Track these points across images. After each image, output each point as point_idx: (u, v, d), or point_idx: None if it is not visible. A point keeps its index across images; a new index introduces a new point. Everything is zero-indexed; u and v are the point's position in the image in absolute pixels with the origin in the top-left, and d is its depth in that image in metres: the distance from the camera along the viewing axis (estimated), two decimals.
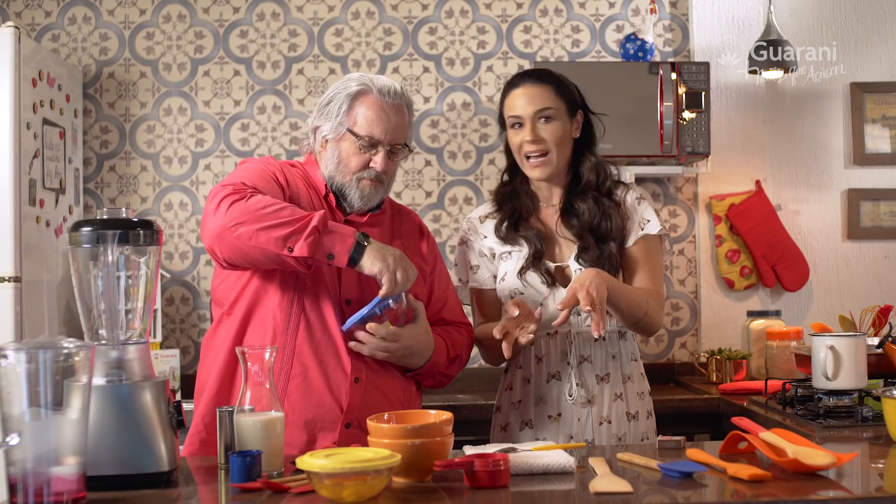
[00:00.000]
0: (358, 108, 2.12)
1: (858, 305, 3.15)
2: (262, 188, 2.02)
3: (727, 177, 3.56)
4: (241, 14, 3.63)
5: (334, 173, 2.14)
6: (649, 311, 2.23)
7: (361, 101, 2.12)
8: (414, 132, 2.22)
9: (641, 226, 2.31)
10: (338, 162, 2.13)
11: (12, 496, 1.41)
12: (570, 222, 2.29)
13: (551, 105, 2.26)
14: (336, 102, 2.14)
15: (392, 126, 2.12)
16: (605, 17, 3.65)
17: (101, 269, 1.64)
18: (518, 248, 2.30)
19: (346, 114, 2.12)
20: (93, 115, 3.61)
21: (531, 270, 2.26)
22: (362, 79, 2.15)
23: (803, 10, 3.58)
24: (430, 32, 3.64)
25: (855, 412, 2.23)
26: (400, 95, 2.15)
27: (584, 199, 2.29)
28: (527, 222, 2.32)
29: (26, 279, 3.01)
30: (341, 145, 2.13)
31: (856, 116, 3.57)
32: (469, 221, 2.41)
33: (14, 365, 1.41)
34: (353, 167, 2.12)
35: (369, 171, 2.12)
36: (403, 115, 2.15)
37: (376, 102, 2.12)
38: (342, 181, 2.13)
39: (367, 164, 2.12)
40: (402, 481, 1.62)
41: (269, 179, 2.08)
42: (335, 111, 2.13)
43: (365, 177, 2.12)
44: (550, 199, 2.35)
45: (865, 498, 1.51)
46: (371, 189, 2.13)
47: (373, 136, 2.11)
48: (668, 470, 1.63)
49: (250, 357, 1.71)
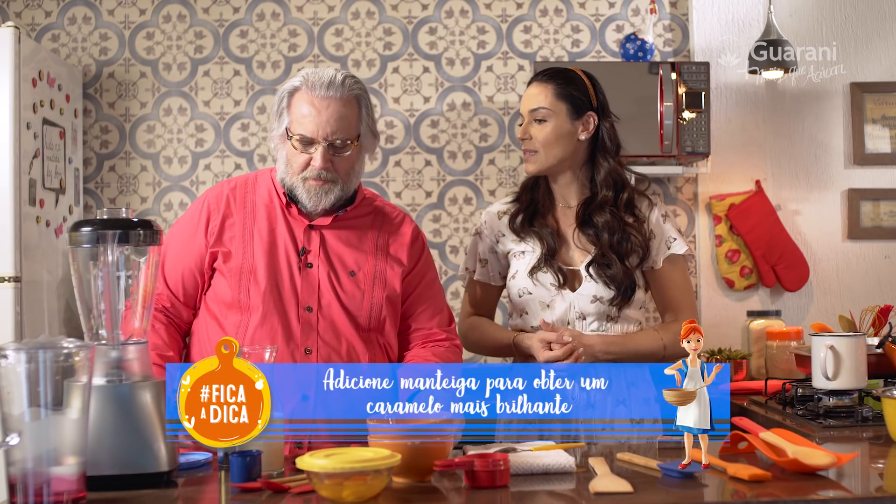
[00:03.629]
0: (294, 105, 2.09)
1: (858, 305, 3.15)
2: (171, 284, 2.12)
3: (727, 177, 3.56)
4: (241, 14, 3.63)
5: (284, 175, 2.12)
6: (668, 346, 2.25)
7: (296, 98, 2.09)
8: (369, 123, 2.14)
9: (668, 244, 2.31)
10: (285, 163, 2.12)
11: (12, 496, 1.41)
12: (587, 232, 2.30)
13: (545, 106, 2.28)
14: (277, 103, 2.12)
15: (325, 121, 2.04)
16: (605, 17, 3.65)
17: (101, 269, 1.64)
18: (531, 248, 2.31)
19: (287, 113, 2.10)
20: (93, 115, 3.61)
21: (543, 269, 2.27)
22: (300, 75, 2.12)
23: (803, 10, 3.58)
24: (430, 32, 3.64)
25: (855, 412, 2.23)
26: (335, 88, 2.05)
27: (601, 214, 2.29)
28: (543, 218, 2.34)
29: (26, 279, 3.01)
30: (286, 146, 2.11)
31: (856, 116, 3.57)
32: (488, 215, 2.44)
33: (14, 365, 1.41)
34: (296, 167, 2.09)
35: (310, 170, 2.07)
36: (343, 108, 2.06)
37: (307, 98, 2.07)
38: (291, 182, 2.11)
39: (308, 164, 2.08)
40: (402, 481, 1.62)
41: (182, 253, 2.13)
42: (276, 112, 2.12)
43: (308, 176, 2.08)
44: (566, 199, 2.36)
45: (865, 498, 1.52)
46: (318, 188, 2.08)
47: (304, 133, 2.06)
48: (668, 470, 1.63)
49: (250, 357, 1.71)
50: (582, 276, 2.28)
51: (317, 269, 2.11)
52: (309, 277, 2.10)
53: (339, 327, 2.09)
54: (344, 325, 2.09)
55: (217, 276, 2.12)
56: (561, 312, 2.28)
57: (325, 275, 2.11)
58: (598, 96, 2.34)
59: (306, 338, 2.07)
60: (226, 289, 2.09)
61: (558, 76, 2.32)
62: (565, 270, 2.28)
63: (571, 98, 2.29)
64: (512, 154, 3.60)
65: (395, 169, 3.61)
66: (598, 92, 2.34)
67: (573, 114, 2.29)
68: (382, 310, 2.14)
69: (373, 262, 2.15)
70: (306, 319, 2.07)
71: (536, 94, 2.31)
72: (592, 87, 2.33)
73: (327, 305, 2.09)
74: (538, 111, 2.28)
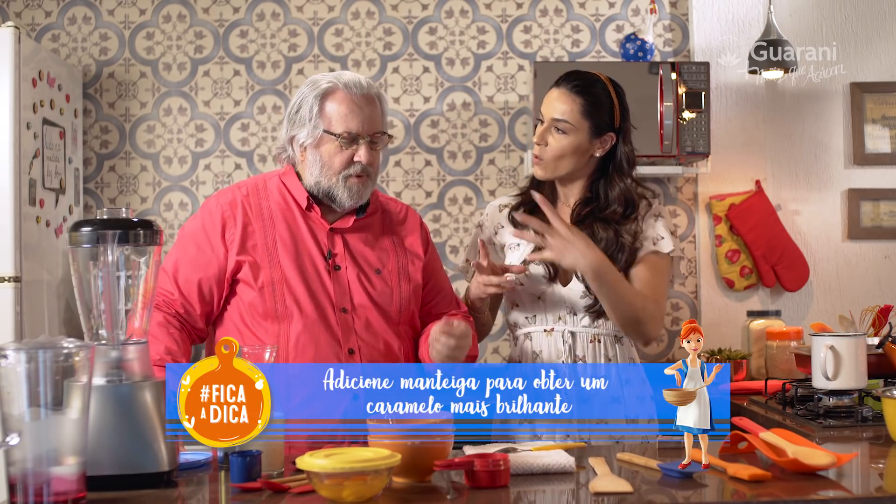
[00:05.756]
0: (329, 106, 2.13)
1: (858, 305, 3.15)
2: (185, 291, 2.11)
3: (727, 177, 3.56)
4: (241, 14, 3.63)
5: (319, 178, 2.14)
6: (643, 316, 2.22)
7: (331, 99, 2.13)
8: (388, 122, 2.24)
9: (654, 242, 2.31)
10: (321, 165, 2.14)
11: (12, 496, 1.42)
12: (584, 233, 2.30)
13: (570, 121, 2.27)
14: (306, 107, 2.14)
15: (366, 117, 2.13)
16: (605, 17, 3.65)
17: (101, 269, 1.64)
18: (526, 241, 2.32)
19: (319, 116, 2.13)
20: (93, 115, 3.61)
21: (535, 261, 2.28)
22: (327, 78, 2.16)
23: (803, 10, 3.58)
24: (430, 32, 3.64)
25: (855, 412, 2.23)
26: (367, 87, 2.15)
27: (605, 228, 2.29)
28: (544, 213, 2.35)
29: (26, 279, 3.01)
30: (321, 148, 2.14)
31: (856, 116, 3.57)
32: (490, 207, 2.48)
33: (14, 365, 1.41)
34: (337, 167, 2.13)
35: (354, 166, 2.12)
36: (375, 105, 2.15)
37: (346, 97, 2.13)
38: (328, 184, 2.14)
39: (351, 161, 2.12)
40: (402, 481, 1.62)
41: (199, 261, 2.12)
42: (307, 116, 2.14)
43: (351, 173, 2.13)
44: (566, 199, 2.37)
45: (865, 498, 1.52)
46: (359, 185, 2.14)
47: (350, 130, 2.11)
48: (668, 470, 1.63)
49: (250, 357, 1.71)
50: (571, 273, 2.29)
51: (345, 271, 2.16)
52: (339, 280, 2.14)
53: (374, 325, 2.14)
54: (378, 323, 2.15)
55: (242, 287, 2.12)
56: (552, 306, 2.30)
57: (354, 275, 2.16)
58: (622, 118, 2.32)
59: (347, 339, 2.10)
60: (257, 299, 2.10)
61: (587, 93, 2.29)
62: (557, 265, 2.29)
63: (596, 118, 2.28)
64: (512, 154, 3.60)
65: (395, 169, 3.61)
66: (623, 112, 2.32)
67: (594, 133, 2.29)
68: (410, 303, 2.22)
69: (394, 258, 2.23)
70: (343, 321, 2.11)
71: (563, 104, 2.28)
72: (619, 107, 2.32)
73: (360, 305, 2.14)
74: (562, 123, 2.27)
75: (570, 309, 2.30)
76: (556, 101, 2.31)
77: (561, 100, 2.30)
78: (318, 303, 2.10)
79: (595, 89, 2.31)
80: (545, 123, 2.32)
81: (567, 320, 2.30)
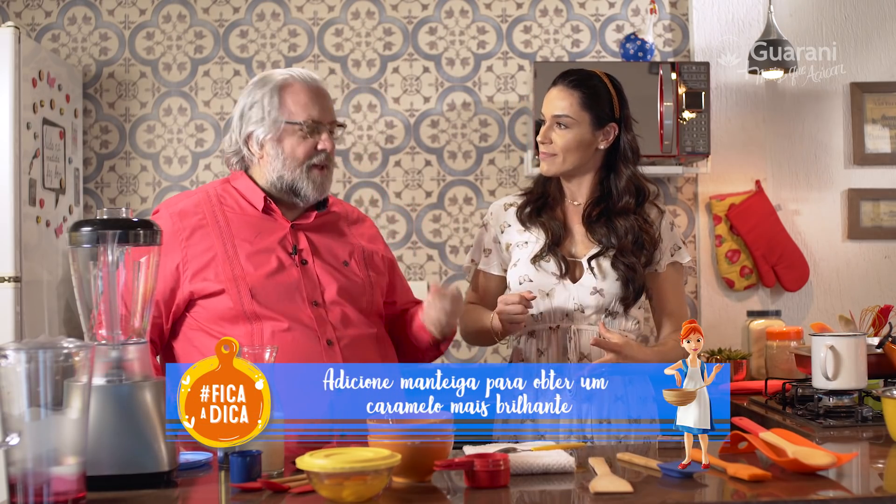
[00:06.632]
0: (288, 98, 2.16)
1: (858, 305, 3.15)
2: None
3: (727, 177, 3.56)
4: (241, 14, 3.63)
5: (282, 171, 2.15)
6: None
7: (289, 91, 2.16)
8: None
9: (672, 252, 2.36)
10: (284, 158, 2.15)
11: (12, 496, 1.41)
12: (598, 231, 2.31)
13: (570, 115, 2.30)
14: (261, 104, 2.16)
15: (325, 106, 2.18)
16: (605, 17, 3.65)
17: (101, 269, 1.64)
18: (535, 238, 2.33)
19: (279, 108, 2.15)
20: (93, 115, 3.61)
21: (546, 258, 2.29)
22: (276, 73, 2.21)
23: (803, 10, 3.58)
24: (430, 32, 3.64)
25: (855, 412, 2.23)
26: (318, 80, 2.21)
27: (624, 219, 2.32)
28: (552, 211, 2.37)
29: (26, 279, 3.01)
30: (284, 141, 2.15)
31: (856, 116, 3.57)
32: (495, 206, 2.49)
33: (14, 365, 1.41)
34: (301, 156, 2.14)
35: (319, 155, 2.15)
36: (328, 97, 2.21)
37: (304, 87, 2.17)
38: (292, 176, 2.15)
39: (314, 150, 2.15)
40: (402, 481, 1.62)
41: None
42: (264, 111, 2.15)
43: (315, 163, 2.15)
44: (574, 196, 2.38)
45: (865, 498, 1.52)
46: (322, 177, 2.17)
47: (312, 117, 2.14)
48: (668, 470, 1.63)
49: (250, 356, 1.71)
50: (584, 268, 2.30)
51: (313, 265, 2.15)
52: (308, 274, 2.14)
53: (349, 315, 2.14)
54: (352, 312, 2.15)
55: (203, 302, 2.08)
56: (560, 302, 2.30)
57: (322, 268, 2.16)
58: (621, 107, 2.35)
59: (324, 331, 2.09)
60: (221, 304, 2.07)
61: (584, 85, 2.33)
62: (568, 261, 2.30)
63: (596, 109, 2.31)
64: (512, 154, 3.60)
65: (395, 169, 3.61)
66: (621, 102, 2.36)
67: (596, 124, 2.32)
68: (377, 293, 2.24)
69: (359, 251, 2.25)
70: (318, 314, 2.11)
71: (562, 100, 2.32)
72: (617, 97, 2.35)
73: (331, 297, 2.13)
74: (564, 118, 2.30)
75: (579, 305, 2.29)
76: (555, 99, 2.34)
77: (560, 96, 2.33)
78: (289, 298, 2.09)
79: (592, 82, 2.34)
80: (547, 122, 2.34)
81: (574, 317, 2.30)
